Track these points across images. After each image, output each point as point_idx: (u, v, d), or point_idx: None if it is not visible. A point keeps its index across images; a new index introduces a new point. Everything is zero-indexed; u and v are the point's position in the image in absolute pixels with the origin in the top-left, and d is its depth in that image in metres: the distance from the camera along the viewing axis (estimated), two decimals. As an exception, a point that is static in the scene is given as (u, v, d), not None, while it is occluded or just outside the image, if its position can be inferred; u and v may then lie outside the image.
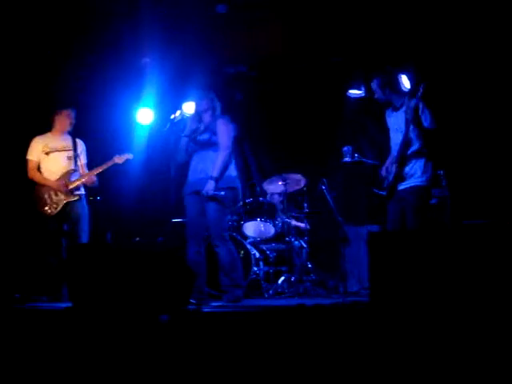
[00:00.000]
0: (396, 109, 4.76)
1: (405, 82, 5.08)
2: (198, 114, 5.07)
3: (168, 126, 5.15)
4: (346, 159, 5.78)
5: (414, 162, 4.64)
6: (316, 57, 6.97)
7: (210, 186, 4.77)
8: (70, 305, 3.78)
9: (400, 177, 4.65)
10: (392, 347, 2.61)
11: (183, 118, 5.14)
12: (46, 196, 5.38)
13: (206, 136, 4.94)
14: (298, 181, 6.75)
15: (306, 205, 6.63)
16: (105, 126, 6.88)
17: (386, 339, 2.68)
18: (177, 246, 5.43)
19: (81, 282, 3.71)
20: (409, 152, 4.64)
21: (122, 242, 6.74)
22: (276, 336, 2.91)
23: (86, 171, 5.58)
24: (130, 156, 5.69)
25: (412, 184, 4.62)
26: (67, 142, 5.56)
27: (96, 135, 5.79)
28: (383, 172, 4.85)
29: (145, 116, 6.96)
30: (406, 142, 4.61)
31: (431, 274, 2.95)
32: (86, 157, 5.68)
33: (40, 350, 2.93)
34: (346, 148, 5.80)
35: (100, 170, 5.53)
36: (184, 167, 5.10)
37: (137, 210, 7.37)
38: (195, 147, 5.00)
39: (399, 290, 3.02)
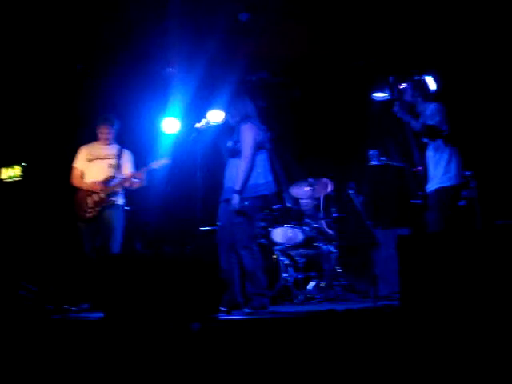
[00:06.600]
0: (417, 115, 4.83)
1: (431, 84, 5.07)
2: (228, 122, 5.09)
3: (193, 135, 5.18)
4: (373, 162, 5.76)
5: (436, 163, 4.66)
6: (339, 61, 6.96)
7: (234, 201, 4.71)
8: (102, 315, 3.82)
9: (426, 181, 4.72)
10: (423, 351, 2.58)
11: (208, 127, 5.17)
12: (85, 200, 5.52)
13: (230, 144, 4.90)
14: (325, 185, 6.73)
15: (333, 209, 6.60)
16: (131, 136, 6.95)
17: (417, 343, 2.65)
18: (206, 254, 5.44)
19: (113, 292, 3.75)
20: (429, 154, 4.71)
21: (152, 251, 6.79)
22: (307, 342, 2.90)
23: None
24: (166, 161, 5.72)
25: (436, 186, 4.64)
26: (112, 150, 5.73)
27: (122, 146, 5.84)
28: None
29: (170, 125, 7.01)
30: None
31: (462, 277, 2.91)
32: (132, 166, 5.80)
33: (74, 360, 2.97)
34: (372, 151, 5.78)
35: (138, 174, 5.63)
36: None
37: (164, 220, 7.41)
38: (227, 155, 5.00)
39: (429, 293, 2.99)
